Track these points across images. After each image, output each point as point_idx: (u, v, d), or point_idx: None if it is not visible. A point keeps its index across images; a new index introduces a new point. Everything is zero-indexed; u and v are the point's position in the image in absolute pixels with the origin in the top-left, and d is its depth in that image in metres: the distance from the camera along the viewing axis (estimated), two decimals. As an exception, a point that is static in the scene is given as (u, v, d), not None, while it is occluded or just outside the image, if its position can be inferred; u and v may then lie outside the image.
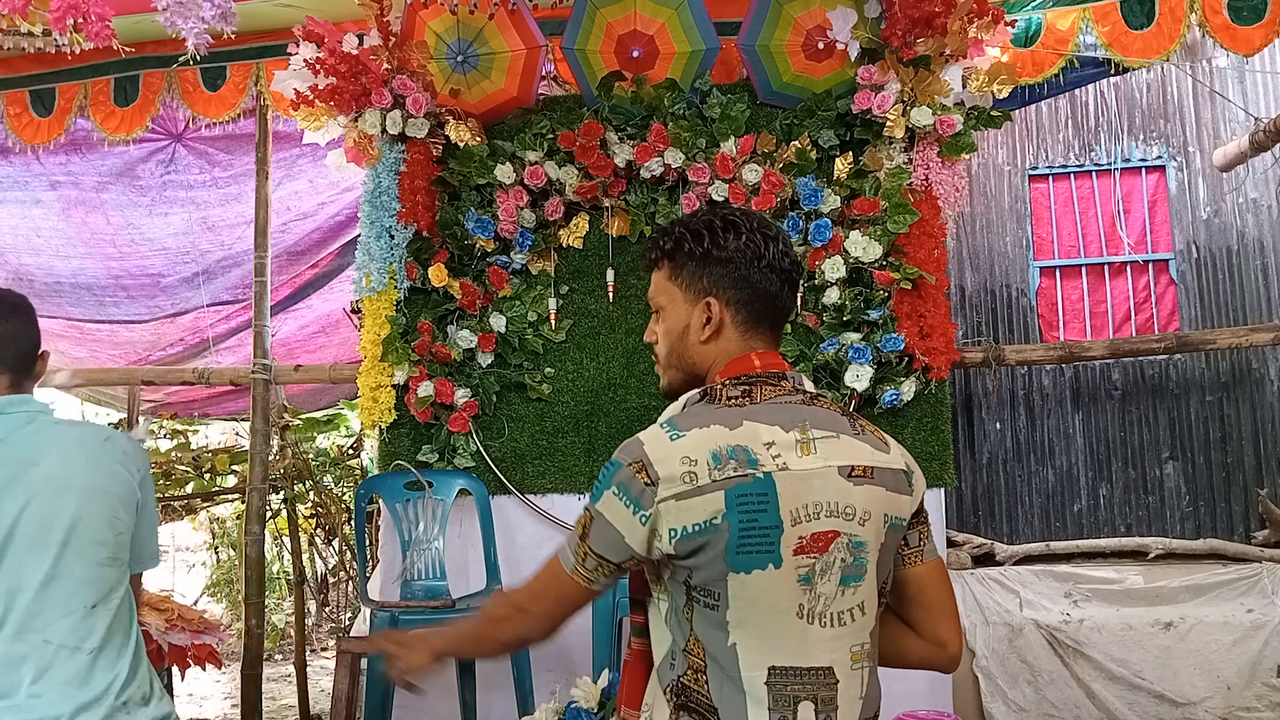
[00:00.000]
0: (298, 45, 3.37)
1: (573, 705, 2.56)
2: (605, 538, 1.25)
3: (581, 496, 3.46)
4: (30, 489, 1.56)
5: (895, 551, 1.35)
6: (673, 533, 1.21)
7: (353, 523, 5.21)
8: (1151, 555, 3.90)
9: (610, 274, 3.50)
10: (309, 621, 6.46)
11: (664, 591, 1.29)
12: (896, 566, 1.36)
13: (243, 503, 4.73)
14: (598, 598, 1.31)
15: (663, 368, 1.42)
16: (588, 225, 3.52)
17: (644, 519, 1.22)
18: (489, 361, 3.49)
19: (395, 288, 3.45)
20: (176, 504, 6.25)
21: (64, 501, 1.57)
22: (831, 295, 3.31)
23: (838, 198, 3.34)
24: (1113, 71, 3.56)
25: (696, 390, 1.34)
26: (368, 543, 4.62)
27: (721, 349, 1.35)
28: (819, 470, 1.25)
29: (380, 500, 3.50)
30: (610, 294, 3.50)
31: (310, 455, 6.04)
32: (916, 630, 1.38)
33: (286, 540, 6.35)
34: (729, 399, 1.30)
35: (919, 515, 1.37)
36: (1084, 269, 4.28)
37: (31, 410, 1.65)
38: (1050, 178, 4.35)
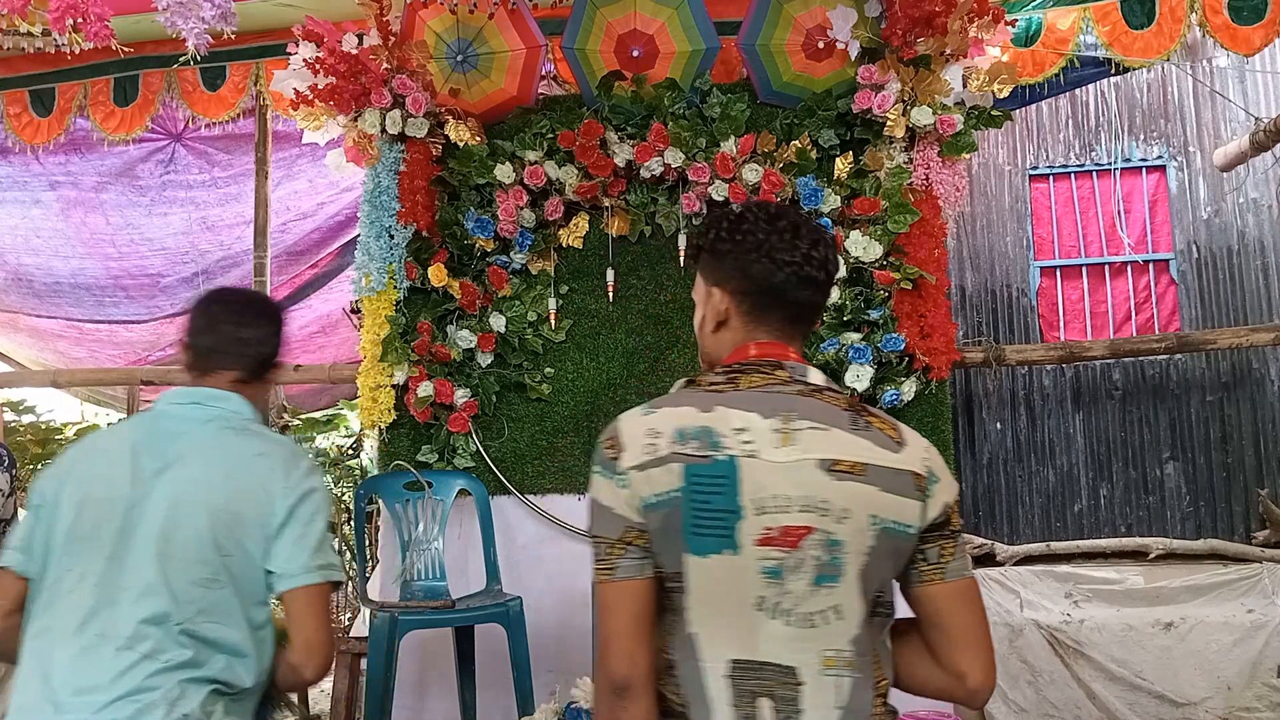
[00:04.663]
0: (297, 45, 3.37)
1: (572, 705, 2.55)
2: (601, 518, 1.26)
3: (581, 496, 3.46)
4: (161, 491, 1.59)
5: (907, 564, 1.28)
6: (643, 501, 1.22)
7: (352, 523, 5.20)
8: (1152, 555, 3.90)
9: (610, 274, 3.49)
10: (309, 622, 6.44)
11: None
12: (911, 583, 1.29)
13: (242, 503, 4.72)
14: (633, 590, 1.23)
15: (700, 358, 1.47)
16: (588, 225, 3.52)
17: (621, 483, 1.24)
18: (489, 361, 3.49)
19: (395, 288, 3.45)
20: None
21: (176, 513, 1.58)
22: (832, 295, 3.31)
23: (838, 197, 3.33)
24: (1113, 71, 3.56)
25: (685, 378, 1.36)
26: (367, 543, 4.61)
27: (729, 339, 1.36)
28: (794, 462, 1.21)
29: (380, 500, 3.50)
30: (610, 294, 3.50)
31: (310, 455, 6.04)
32: (935, 656, 1.30)
33: (286, 540, 6.34)
34: (711, 384, 1.30)
35: (940, 529, 1.28)
36: (1084, 269, 4.28)
37: (221, 411, 1.68)
38: (1051, 178, 4.35)
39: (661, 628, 1.25)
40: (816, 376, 1.32)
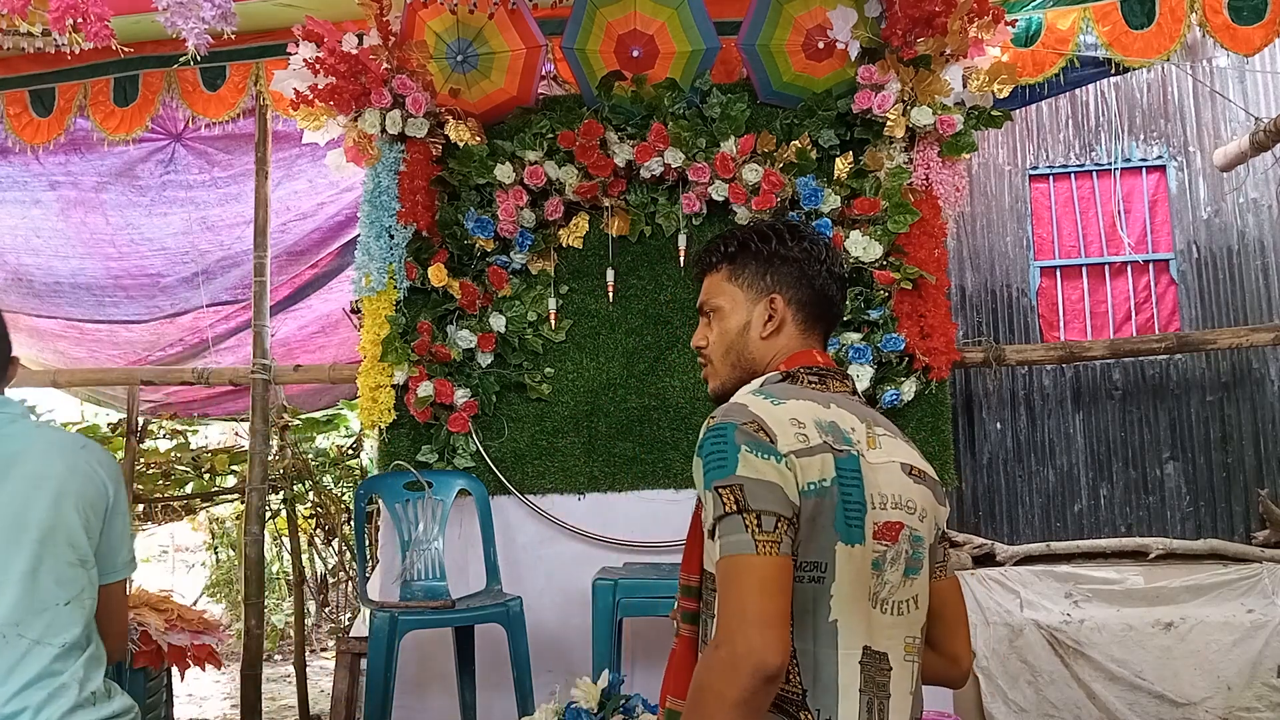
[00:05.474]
0: (297, 45, 3.37)
1: (573, 705, 2.55)
2: (768, 495, 1.19)
3: (581, 496, 3.46)
4: (12, 486, 1.61)
5: None
6: (801, 487, 1.21)
7: (352, 523, 5.21)
8: (1152, 555, 3.90)
9: (610, 274, 3.49)
10: (308, 622, 6.47)
11: None
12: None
13: (242, 503, 4.73)
14: (789, 568, 1.18)
15: (715, 369, 1.46)
16: (587, 225, 3.52)
17: (787, 465, 1.21)
18: (489, 361, 3.49)
19: (395, 288, 3.45)
20: (176, 504, 6.25)
21: (41, 501, 1.61)
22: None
23: (838, 198, 3.33)
24: (1113, 71, 3.55)
25: (775, 373, 1.37)
26: (367, 543, 4.62)
27: (782, 345, 1.40)
28: (884, 464, 1.30)
29: (380, 500, 3.50)
30: (610, 294, 3.50)
31: (310, 455, 6.04)
32: (932, 644, 1.39)
33: (286, 540, 6.35)
34: (809, 383, 1.34)
35: (943, 531, 1.41)
36: (1084, 269, 4.28)
37: (14, 411, 1.72)
38: (1051, 178, 4.35)
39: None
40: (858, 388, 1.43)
